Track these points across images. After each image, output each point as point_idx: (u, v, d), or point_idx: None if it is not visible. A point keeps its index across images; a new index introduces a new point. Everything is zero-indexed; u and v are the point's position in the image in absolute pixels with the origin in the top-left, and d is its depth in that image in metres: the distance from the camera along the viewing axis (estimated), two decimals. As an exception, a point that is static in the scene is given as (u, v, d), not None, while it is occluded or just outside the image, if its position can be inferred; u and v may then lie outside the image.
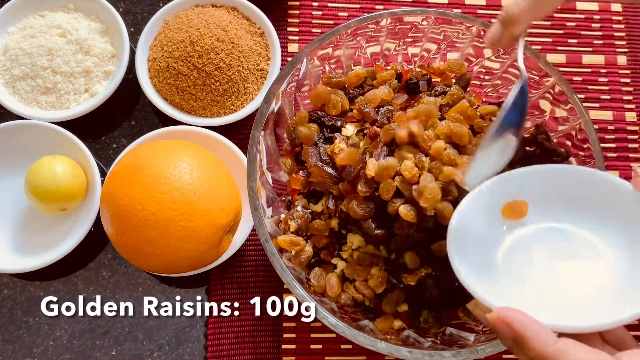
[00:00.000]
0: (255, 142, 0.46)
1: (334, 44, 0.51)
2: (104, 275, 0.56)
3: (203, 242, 0.46)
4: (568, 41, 0.66)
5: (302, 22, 0.65)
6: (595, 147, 0.47)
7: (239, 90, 0.59)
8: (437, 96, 0.50)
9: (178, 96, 0.58)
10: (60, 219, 0.56)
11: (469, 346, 0.43)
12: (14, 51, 0.59)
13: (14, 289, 0.55)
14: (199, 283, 0.56)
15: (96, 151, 0.60)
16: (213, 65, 0.57)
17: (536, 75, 0.50)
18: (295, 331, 0.54)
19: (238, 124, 0.59)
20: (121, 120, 0.61)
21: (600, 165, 0.46)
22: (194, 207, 0.45)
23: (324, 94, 0.49)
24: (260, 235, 0.44)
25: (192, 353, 0.54)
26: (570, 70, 0.65)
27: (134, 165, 0.47)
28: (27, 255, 0.54)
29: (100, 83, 0.60)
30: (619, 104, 0.64)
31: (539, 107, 0.52)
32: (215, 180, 0.47)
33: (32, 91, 0.58)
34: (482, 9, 0.67)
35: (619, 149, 0.63)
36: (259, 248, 0.57)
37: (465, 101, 0.47)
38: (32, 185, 0.52)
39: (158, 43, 0.60)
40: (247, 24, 0.61)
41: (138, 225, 0.44)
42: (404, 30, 0.53)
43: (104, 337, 0.54)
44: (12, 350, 0.54)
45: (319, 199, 0.49)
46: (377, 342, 0.41)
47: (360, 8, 0.66)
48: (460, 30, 0.51)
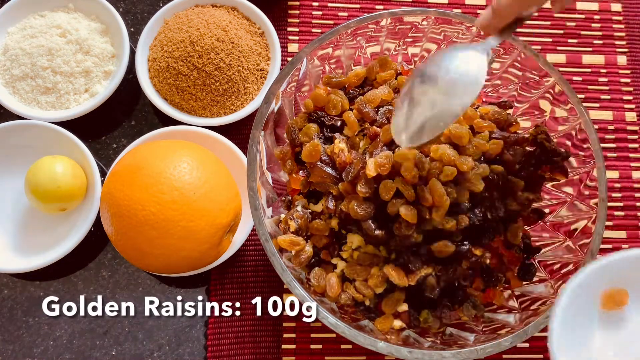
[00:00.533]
0: (255, 142, 0.46)
1: (334, 44, 0.51)
2: (104, 275, 0.56)
3: (203, 242, 0.46)
4: (568, 41, 0.66)
5: (302, 22, 0.65)
6: (595, 147, 0.47)
7: (239, 90, 0.59)
8: (437, 96, 0.49)
9: (178, 96, 0.58)
10: (60, 219, 0.56)
11: (469, 346, 0.43)
12: (14, 51, 0.59)
13: (14, 289, 0.55)
14: (199, 283, 0.56)
15: (96, 151, 0.60)
16: (213, 65, 0.57)
17: (536, 75, 0.50)
18: (295, 331, 0.54)
19: (238, 124, 0.59)
20: (121, 120, 0.61)
21: (600, 165, 0.46)
22: (194, 207, 0.45)
23: (322, 97, 0.49)
24: (260, 235, 0.44)
25: (192, 353, 0.54)
26: (570, 70, 0.65)
27: (134, 165, 0.47)
28: (27, 255, 0.54)
29: (100, 83, 0.60)
30: (619, 104, 0.64)
31: (539, 107, 0.52)
32: (215, 180, 0.47)
33: (32, 91, 0.58)
34: (482, 8, 0.67)
35: (619, 149, 0.63)
36: (259, 248, 0.57)
37: None
38: (32, 185, 0.52)
39: (158, 43, 0.60)
40: (247, 24, 0.61)
41: (138, 225, 0.44)
42: (404, 30, 0.53)
43: (104, 337, 0.54)
44: (12, 350, 0.54)
45: (319, 199, 0.49)
46: (377, 342, 0.41)
47: (360, 8, 0.66)
48: (460, 30, 0.51)
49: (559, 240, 0.50)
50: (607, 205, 0.46)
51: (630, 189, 0.61)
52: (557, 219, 0.51)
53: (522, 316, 0.46)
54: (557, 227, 0.50)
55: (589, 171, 0.47)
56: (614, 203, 0.61)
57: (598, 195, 0.46)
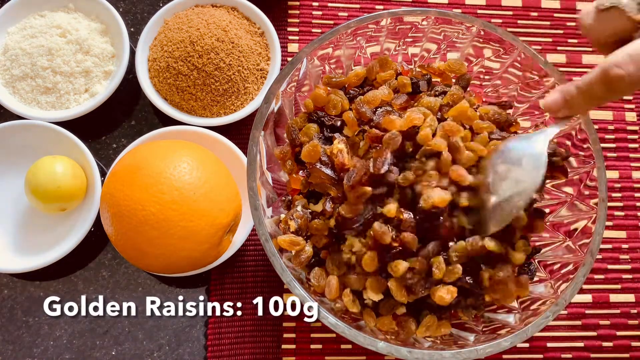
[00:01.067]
0: (255, 142, 0.46)
1: (334, 44, 0.51)
2: (104, 275, 0.56)
3: (203, 242, 0.46)
4: (568, 41, 0.66)
5: (302, 22, 0.65)
6: (595, 147, 0.47)
7: (239, 90, 0.59)
8: (437, 96, 0.49)
9: (178, 96, 0.58)
10: (60, 219, 0.56)
11: (469, 346, 0.43)
12: (14, 51, 0.59)
13: (14, 289, 0.55)
14: (199, 283, 0.56)
15: (96, 151, 0.60)
16: (213, 65, 0.57)
17: (536, 75, 0.50)
18: (295, 331, 0.54)
19: (238, 124, 0.59)
20: (121, 120, 0.61)
21: (600, 165, 0.46)
22: (194, 207, 0.45)
23: (322, 97, 0.49)
24: (260, 235, 0.44)
25: (192, 353, 0.54)
26: (570, 70, 0.65)
27: (134, 165, 0.47)
28: (27, 255, 0.54)
29: (100, 83, 0.60)
30: (619, 104, 0.64)
31: (539, 107, 0.52)
32: (215, 180, 0.47)
33: (32, 91, 0.58)
34: (482, 9, 0.67)
35: (619, 149, 0.63)
36: (259, 248, 0.57)
37: (465, 101, 0.47)
38: (32, 185, 0.52)
39: (158, 43, 0.60)
40: (247, 24, 0.61)
41: (138, 225, 0.44)
42: (404, 30, 0.53)
43: (104, 337, 0.54)
44: (12, 350, 0.54)
45: (319, 199, 0.48)
46: (377, 342, 0.41)
47: (360, 8, 0.66)
48: (460, 30, 0.51)
49: (559, 240, 0.50)
50: (607, 205, 0.46)
51: (630, 189, 0.61)
52: (557, 219, 0.51)
53: (522, 316, 0.46)
54: (557, 227, 0.50)
55: (589, 171, 0.47)
56: (614, 203, 0.61)
57: (598, 195, 0.46)
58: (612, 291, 0.58)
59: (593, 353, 0.56)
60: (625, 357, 0.56)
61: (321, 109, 0.50)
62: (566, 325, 0.57)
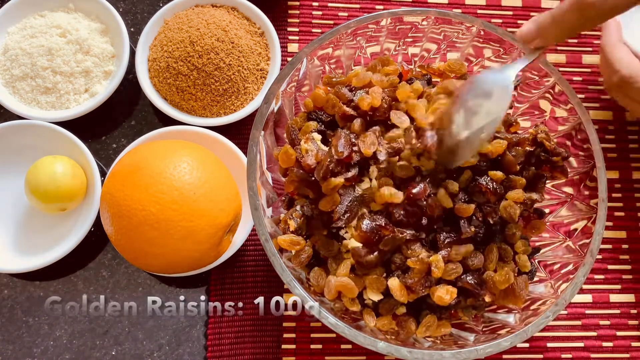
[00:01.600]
0: (255, 142, 0.46)
1: (334, 44, 0.51)
2: (104, 275, 0.56)
3: (203, 242, 0.46)
4: (568, 41, 0.66)
5: (302, 22, 0.65)
6: (595, 147, 0.47)
7: (239, 90, 0.59)
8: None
9: (178, 96, 0.58)
10: (60, 219, 0.56)
11: (469, 346, 0.43)
12: (14, 51, 0.59)
13: (14, 289, 0.55)
14: (199, 283, 0.56)
15: (96, 151, 0.60)
16: (213, 65, 0.57)
17: (536, 75, 0.50)
18: (295, 331, 0.54)
19: (238, 124, 0.59)
20: (121, 120, 0.61)
21: (600, 165, 0.46)
22: (194, 207, 0.45)
23: (322, 97, 0.49)
24: (260, 235, 0.44)
25: (192, 353, 0.54)
26: (570, 70, 0.65)
27: (134, 165, 0.47)
28: (27, 255, 0.54)
29: (100, 83, 0.60)
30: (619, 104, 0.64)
31: (539, 107, 0.52)
32: (215, 180, 0.47)
33: (32, 91, 0.58)
34: (482, 8, 0.67)
35: (619, 149, 0.63)
36: (259, 248, 0.57)
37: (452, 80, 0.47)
38: (32, 185, 0.52)
39: (158, 43, 0.60)
40: (247, 24, 0.61)
41: (138, 225, 0.44)
42: (404, 30, 0.53)
43: (104, 337, 0.54)
44: (12, 350, 0.54)
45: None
46: (377, 342, 0.41)
47: (360, 8, 0.66)
48: (460, 30, 0.51)
49: (559, 240, 0.50)
50: (607, 205, 0.46)
51: (630, 189, 0.61)
52: (557, 219, 0.51)
53: (522, 316, 0.46)
54: (557, 227, 0.50)
55: (589, 171, 0.47)
56: (614, 203, 0.61)
57: (598, 195, 0.46)
58: (612, 291, 0.58)
59: (593, 353, 0.56)
60: (625, 357, 0.56)
61: (321, 109, 0.50)
62: (566, 325, 0.57)
